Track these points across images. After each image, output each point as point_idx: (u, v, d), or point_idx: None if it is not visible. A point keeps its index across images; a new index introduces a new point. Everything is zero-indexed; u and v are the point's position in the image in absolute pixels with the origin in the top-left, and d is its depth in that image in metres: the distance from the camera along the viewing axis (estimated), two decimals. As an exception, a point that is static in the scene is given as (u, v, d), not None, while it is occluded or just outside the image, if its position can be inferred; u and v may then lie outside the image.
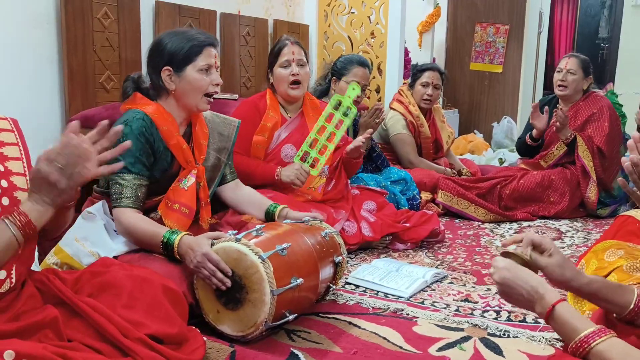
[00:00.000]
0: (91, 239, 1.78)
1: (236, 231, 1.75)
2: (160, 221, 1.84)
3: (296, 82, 2.52)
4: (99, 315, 1.28)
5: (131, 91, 1.91)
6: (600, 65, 8.09)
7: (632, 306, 1.19)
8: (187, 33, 1.91)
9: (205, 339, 1.53)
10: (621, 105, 4.80)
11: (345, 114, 2.52)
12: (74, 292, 1.36)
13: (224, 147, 2.10)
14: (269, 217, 2.08)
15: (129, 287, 1.39)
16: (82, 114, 2.63)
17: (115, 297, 1.37)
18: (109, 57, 2.79)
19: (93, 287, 1.40)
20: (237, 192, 2.17)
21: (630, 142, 1.38)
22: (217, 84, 1.92)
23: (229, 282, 1.61)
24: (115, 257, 1.72)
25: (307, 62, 2.59)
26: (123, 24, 2.84)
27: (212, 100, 1.94)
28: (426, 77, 3.58)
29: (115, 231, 1.82)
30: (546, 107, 3.41)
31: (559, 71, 3.44)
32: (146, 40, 2.94)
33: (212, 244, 1.67)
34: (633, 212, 2.20)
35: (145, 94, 1.92)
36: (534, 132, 3.48)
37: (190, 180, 1.92)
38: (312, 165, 2.49)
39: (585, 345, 1.00)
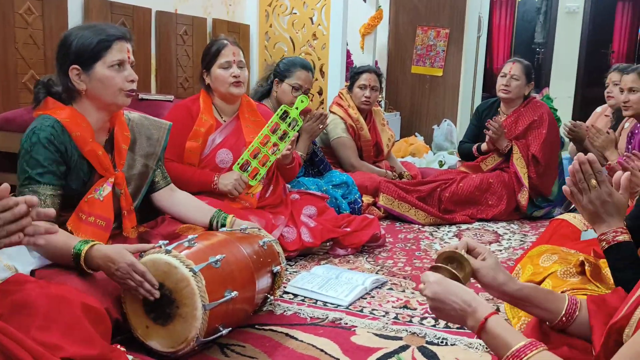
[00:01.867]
0: (7, 251, 1.63)
1: (167, 241, 1.66)
2: None
3: (238, 83, 2.46)
4: (8, 339, 1.16)
5: (43, 96, 1.78)
6: (536, 69, 8.33)
7: (563, 312, 1.19)
8: (96, 27, 1.77)
9: (131, 357, 1.44)
10: (556, 110, 4.96)
11: (290, 126, 2.47)
12: (-18, 313, 1.25)
13: (153, 152, 2.00)
14: (217, 226, 2.01)
15: (44, 307, 1.29)
16: (2, 116, 2.47)
17: (28, 318, 1.26)
18: (32, 55, 2.63)
19: (4, 308, 1.28)
20: (174, 198, 2.08)
21: (571, 168, 1.40)
22: (132, 80, 1.79)
23: (157, 294, 1.52)
24: (32, 272, 1.60)
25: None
26: (49, 20, 2.68)
27: (132, 94, 1.82)
28: (363, 79, 3.58)
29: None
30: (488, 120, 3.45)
31: (502, 76, 3.49)
32: (75, 38, 2.79)
33: (142, 256, 1.59)
34: (566, 216, 2.25)
35: (58, 98, 1.79)
36: (484, 146, 3.52)
37: (106, 189, 1.80)
38: (252, 176, 2.43)
39: (516, 360, 0.98)
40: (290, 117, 2.48)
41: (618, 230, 1.38)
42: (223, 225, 2.00)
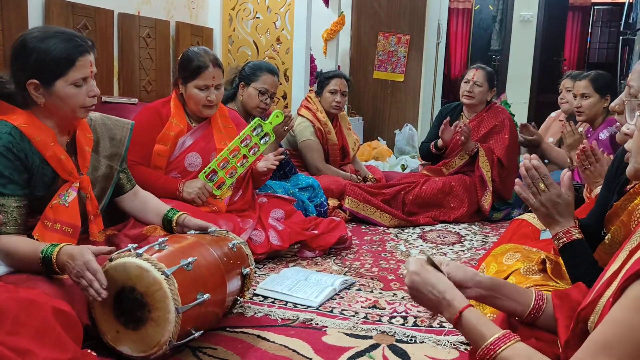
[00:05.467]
0: (-30, 259, 1.60)
1: (136, 245, 1.64)
2: None
3: (211, 105, 2.46)
4: (-24, 346, 1.15)
5: None
6: (492, 75, 8.58)
7: (532, 305, 1.24)
8: (59, 38, 1.67)
9: (102, 362, 1.42)
10: (513, 115, 5.10)
11: (262, 140, 2.47)
12: (-52, 320, 1.21)
13: (116, 152, 1.96)
14: (167, 224, 1.99)
15: (13, 311, 1.26)
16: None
17: (-3, 323, 1.24)
18: (-9, 56, 2.56)
19: (-29, 314, 1.25)
20: (136, 200, 2.05)
21: (521, 168, 1.46)
22: (94, 95, 1.74)
23: (104, 294, 1.48)
24: (-2, 278, 1.57)
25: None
26: (8, 20, 2.61)
27: (92, 108, 1.78)
28: (334, 84, 3.63)
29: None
30: (455, 122, 3.52)
31: (466, 82, 3.58)
32: (35, 39, 2.73)
33: (111, 259, 1.56)
34: (526, 216, 2.33)
35: (13, 101, 1.71)
36: (440, 142, 3.60)
37: (72, 194, 1.75)
38: (217, 185, 2.42)
39: (492, 352, 1.02)
40: (262, 131, 2.48)
41: (571, 230, 1.46)
42: (170, 222, 1.98)
